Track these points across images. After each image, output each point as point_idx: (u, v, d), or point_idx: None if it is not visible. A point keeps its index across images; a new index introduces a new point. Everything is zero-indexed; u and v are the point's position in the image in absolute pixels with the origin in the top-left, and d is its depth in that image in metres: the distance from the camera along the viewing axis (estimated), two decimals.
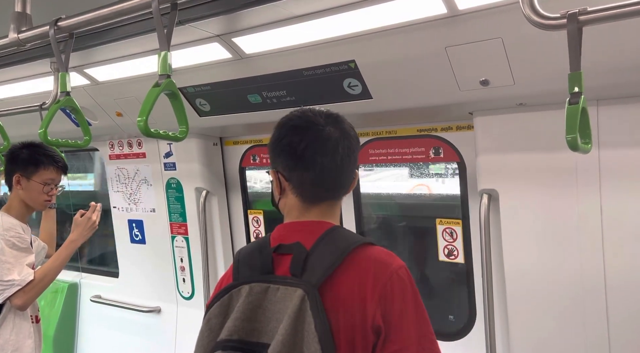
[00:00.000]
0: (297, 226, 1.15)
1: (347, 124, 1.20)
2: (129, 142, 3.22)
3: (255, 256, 1.11)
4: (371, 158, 2.54)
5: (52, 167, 2.18)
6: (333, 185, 1.15)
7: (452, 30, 1.62)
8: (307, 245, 1.07)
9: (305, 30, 1.86)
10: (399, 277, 1.04)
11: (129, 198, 3.30)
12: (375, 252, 1.09)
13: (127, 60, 2.35)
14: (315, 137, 1.11)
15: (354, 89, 2.02)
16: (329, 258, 1.03)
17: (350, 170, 1.17)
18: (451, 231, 2.33)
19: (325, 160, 1.10)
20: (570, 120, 0.97)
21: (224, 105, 2.47)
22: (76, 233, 2.20)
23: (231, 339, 1.00)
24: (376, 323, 1.01)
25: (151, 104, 1.11)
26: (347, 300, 1.02)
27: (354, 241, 1.08)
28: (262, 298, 1.02)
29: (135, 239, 3.35)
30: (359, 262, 1.05)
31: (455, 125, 2.24)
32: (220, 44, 2.04)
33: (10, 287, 1.92)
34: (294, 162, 1.13)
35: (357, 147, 1.20)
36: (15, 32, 1.43)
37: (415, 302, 1.05)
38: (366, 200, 2.68)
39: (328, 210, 1.16)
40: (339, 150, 1.11)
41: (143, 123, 1.09)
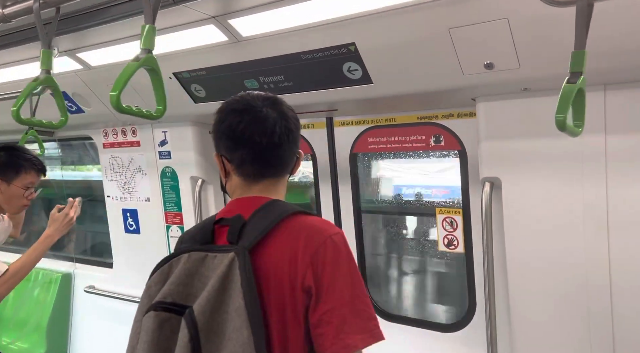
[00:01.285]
0: (240, 202, 1.21)
1: (286, 106, 1.25)
2: (123, 130, 3.15)
3: (199, 230, 1.18)
4: (370, 146, 2.48)
5: (32, 171, 2.17)
6: (273, 162, 1.21)
7: (456, 11, 1.56)
8: (247, 215, 1.14)
9: (304, 12, 1.80)
10: (333, 242, 1.08)
11: (123, 187, 3.25)
12: (309, 219, 1.14)
13: (121, 44, 2.28)
14: (253, 117, 1.17)
15: (353, 73, 1.96)
16: (262, 225, 1.10)
17: (289, 149, 1.22)
18: (451, 220, 2.29)
19: (263, 139, 1.17)
20: (563, 99, 0.92)
21: (220, 91, 2.41)
22: (52, 229, 2.18)
23: (165, 301, 1.06)
24: (306, 283, 1.04)
25: (126, 78, 1.05)
26: (279, 262, 1.07)
27: (288, 209, 1.14)
28: (199, 265, 1.07)
29: (129, 229, 3.30)
30: (292, 228, 1.10)
31: (456, 112, 2.19)
32: (216, 25, 1.98)
33: None
34: (234, 142, 1.19)
35: (296, 127, 1.24)
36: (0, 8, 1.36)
37: (349, 265, 1.07)
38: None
39: (270, 188, 1.23)
40: (276, 129, 1.17)
41: (115, 97, 1.03)
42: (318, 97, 2.20)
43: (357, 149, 2.53)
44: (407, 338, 2.44)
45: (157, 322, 1.05)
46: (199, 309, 1.01)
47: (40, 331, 3.56)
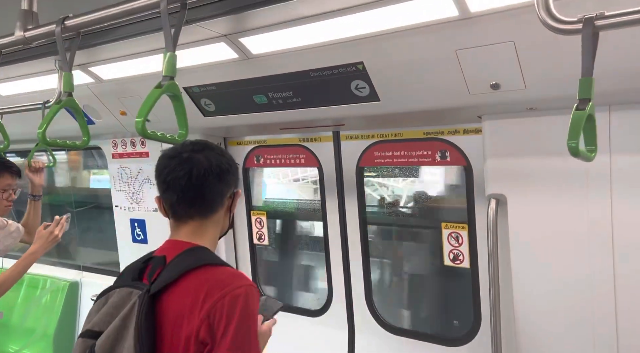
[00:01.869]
0: (170, 244, 1.32)
1: (217, 151, 1.33)
2: (132, 141, 3.20)
3: (136, 264, 1.30)
4: (376, 160, 2.51)
5: (6, 174, 2.29)
6: (195, 202, 1.29)
7: (463, 33, 1.60)
8: (169, 258, 1.25)
9: (314, 31, 1.83)
10: (233, 297, 1.14)
11: (131, 197, 3.28)
12: (218, 272, 1.21)
13: (132, 59, 2.33)
14: (178, 162, 1.27)
15: (361, 91, 1.99)
16: (174, 272, 1.20)
17: (214, 189, 1.30)
18: (457, 235, 2.31)
19: (182, 181, 1.26)
20: (574, 126, 0.95)
21: (229, 106, 2.45)
22: (37, 246, 2.25)
23: (92, 329, 1.19)
24: (201, 336, 1.12)
25: (151, 105, 1.09)
26: (180, 311, 1.16)
27: (202, 260, 1.22)
28: (126, 299, 1.19)
29: (137, 239, 3.33)
30: (198, 279, 1.18)
31: (462, 128, 2.22)
32: (227, 43, 2.02)
33: None
34: (163, 186, 1.31)
35: (225, 169, 1.31)
36: (21, 30, 1.41)
37: (243, 320, 1.13)
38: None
39: (197, 231, 1.31)
40: (194, 171, 1.25)
41: (141, 124, 1.07)
42: (326, 113, 2.23)
43: (364, 163, 2.56)
44: (413, 352, 2.45)
45: (82, 347, 1.19)
46: (99, 343, 1.14)
47: (48, 339, 3.59)
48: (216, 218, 1.35)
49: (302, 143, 2.78)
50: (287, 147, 2.85)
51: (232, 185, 1.36)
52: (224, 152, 1.36)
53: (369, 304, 2.65)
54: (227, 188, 1.34)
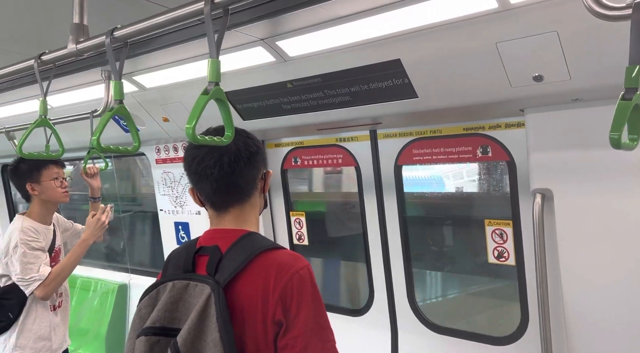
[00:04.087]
0: (217, 233, 1.32)
1: (242, 134, 1.33)
2: (175, 146, 3.30)
3: (182, 256, 1.29)
4: (415, 158, 2.49)
5: (51, 164, 2.45)
6: (231, 191, 1.30)
7: (503, 25, 1.57)
8: (224, 248, 1.25)
9: (349, 31, 1.84)
10: (299, 276, 1.19)
11: (175, 201, 3.39)
12: (279, 254, 1.24)
13: (173, 67, 2.41)
14: (205, 152, 1.27)
15: (398, 88, 1.98)
16: (236, 261, 1.21)
17: (246, 174, 1.30)
18: (501, 232, 2.26)
19: (215, 171, 1.26)
20: (618, 116, 0.90)
21: (267, 108, 2.49)
22: (87, 233, 2.42)
23: (154, 326, 1.19)
24: (277, 317, 1.17)
25: (199, 111, 1.12)
26: (252, 298, 1.18)
27: (261, 246, 1.24)
28: (183, 293, 1.20)
29: (181, 241, 3.43)
30: (263, 265, 1.21)
31: (504, 122, 2.17)
32: (264, 47, 2.05)
33: (33, 282, 2.19)
34: (194, 178, 1.31)
35: (254, 152, 1.32)
36: (73, 43, 1.48)
37: (313, 295, 1.19)
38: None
39: (240, 216, 1.32)
40: (224, 160, 1.25)
41: (191, 130, 1.10)
42: (363, 112, 2.23)
43: (402, 161, 2.55)
44: (458, 351, 2.42)
45: (147, 346, 1.19)
46: (181, 340, 1.14)
47: (100, 339, 3.75)
48: (253, 201, 1.35)
49: (339, 143, 2.79)
50: (324, 147, 2.87)
51: (261, 166, 1.36)
52: (248, 133, 1.36)
53: (412, 303, 2.63)
54: (258, 170, 1.34)
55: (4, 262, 2.19)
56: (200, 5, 1.16)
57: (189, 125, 1.10)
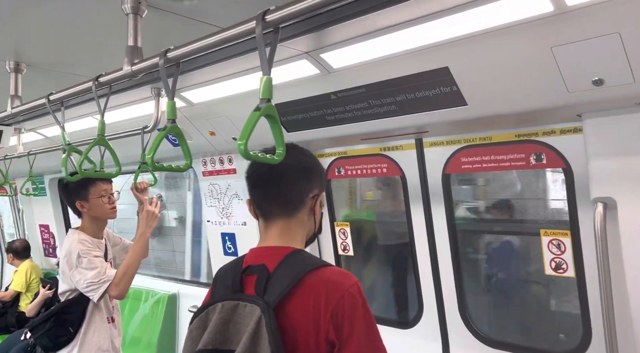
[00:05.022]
0: (263, 251, 1.33)
1: (300, 150, 1.37)
2: (220, 159, 3.36)
3: (229, 276, 1.30)
4: (464, 166, 2.43)
5: (98, 181, 2.50)
6: (279, 199, 1.32)
7: (559, 29, 1.50)
8: (271, 266, 1.25)
9: (395, 41, 1.82)
10: (350, 294, 1.18)
11: (221, 212, 3.45)
12: (328, 273, 1.23)
13: (219, 82, 2.46)
14: (262, 164, 1.27)
15: (446, 96, 1.94)
16: (285, 281, 1.20)
17: (297, 187, 1.33)
18: (558, 243, 2.16)
19: (265, 177, 1.32)
20: None
21: (310, 120, 2.49)
22: (142, 226, 2.45)
23: (206, 349, 1.20)
24: (330, 337, 1.16)
25: (251, 128, 1.13)
26: (303, 318, 1.17)
27: (308, 264, 1.23)
28: (232, 314, 1.21)
29: (228, 251, 3.48)
30: (313, 284, 1.19)
31: (558, 128, 2.08)
32: (309, 60, 2.06)
33: (103, 284, 2.24)
34: (249, 185, 1.36)
35: (307, 168, 1.35)
36: (129, 65, 1.54)
37: (365, 313, 1.18)
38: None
39: (286, 230, 1.33)
40: (280, 167, 1.25)
41: (243, 146, 1.11)
42: (408, 121, 2.20)
43: (450, 169, 2.48)
44: None
45: None
46: None
47: (152, 348, 3.85)
48: (300, 217, 1.34)
49: (384, 152, 2.76)
50: (368, 157, 2.84)
51: (314, 185, 1.36)
52: (308, 152, 1.39)
53: (463, 315, 2.55)
54: (309, 187, 1.35)
55: (69, 275, 2.26)
56: (252, 24, 1.17)
57: (241, 141, 1.11)
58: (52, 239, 5.45)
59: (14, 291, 4.80)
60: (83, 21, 1.77)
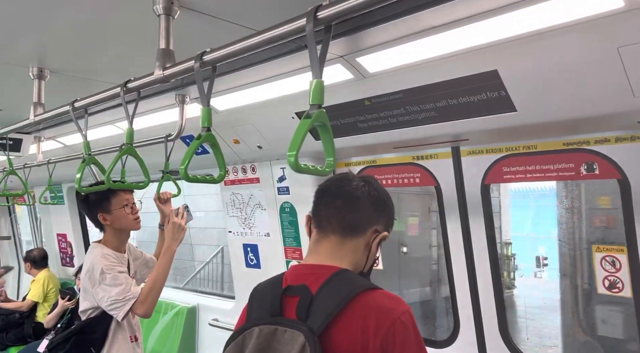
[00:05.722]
0: (305, 269, 1.23)
1: (376, 183, 1.31)
2: (243, 168, 3.26)
3: (267, 296, 1.20)
4: (506, 176, 2.28)
5: (119, 192, 2.36)
6: (341, 213, 1.24)
7: (629, 27, 1.37)
8: (314, 287, 1.15)
9: (438, 43, 1.70)
10: (402, 323, 1.10)
11: (243, 222, 3.34)
12: (378, 297, 1.14)
13: (246, 88, 2.36)
14: (342, 182, 1.28)
15: (495, 102, 1.81)
16: (331, 304, 1.11)
17: (365, 215, 1.25)
18: (612, 260, 2.00)
19: (337, 191, 1.26)
20: None
21: (341, 127, 2.37)
22: (169, 239, 2.30)
23: None
24: None
25: (302, 137, 1.02)
26: (350, 345, 1.08)
27: (356, 286, 1.14)
28: (271, 340, 1.11)
29: (250, 263, 3.37)
30: (361, 309, 1.11)
31: (613, 136, 1.93)
32: (343, 64, 1.95)
33: (128, 301, 2.11)
34: (319, 199, 1.29)
35: (382, 201, 1.28)
36: (160, 69, 1.44)
37: (417, 344, 1.11)
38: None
39: (337, 249, 1.23)
40: (356, 193, 1.24)
41: (293, 158, 1.00)
42: (447, 128, 2.07)
43: (490, 180, 2.34)
44: None
45: None
46: None
47: None
48: (355, 243, 1.25)
49: (416, 161, 2.63)
50: (399, 166, 2.71)
51: (381, 219, 1.28)
52: (385, 189, 1.33)
53: (504, 335, 2.39)
54: (376, 219, 1.26)
55: (92, 292, 2.16)
56: (301, 22, 1.06)
57: (291, 153, 1.00)
58: (70, 248, 5.39)
59: (31, 301, 4.73)
60: (110, 24, 1.68)
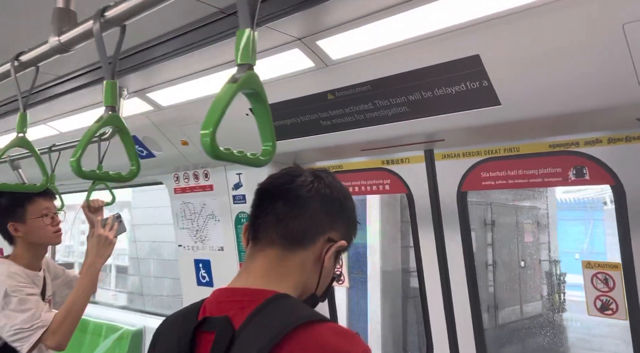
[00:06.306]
0: (232, 294, 0.95)
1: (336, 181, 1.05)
2: (195, 174, 2.92)
3: (176, 333, 0.94)
4: (484, 183, 2.04)
5: (38, 198, 1.99)
6: (284, 219, 0.97)
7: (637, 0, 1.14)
8: (238, 319, 0.88)
9: (412, 21, 1.44)
10: None
11: (195, 235, 2.99)
12: (324, 333, 0.86)
13: (193, 80, 2.05)
14: (287, 178, 1.01)
15: (475, 94, 1.56)
16: (257, 344, 0.83)
17: (311, 213, 0.98)
18: (605, 277, 1.76)
19: (280, 188, 1.00)
20: None
21: (301, 126, 2.09)
22: (92, 255, 1.91)
23: None
24: None
25: (222, 109, 0.73)
26: None
27: (295, 318, 0.85)
28: None
29: (202, 281, 3.01)
30: (299, 349, 0.83)
31: (605, 137, 1.71)
32: (302, 49, 1.67)
33: (36, 331, 1.75)
34: (258, 200, 1.02)
35: (337, 204, 1.02)
36: (56, 34, 1.11)
37: None
38: None
39: (276, 266, 0.96)
40: (297, 180, 0.99)
41: (209, 139, 0.71)
42: (421, 126, 1.81)
43: (467, 186, 2.09)
44: None
45: None
46: None
47: None
48: (303, 258, 0.97)
49: (386, 166, 2.36)
50: (367, 171, 2.45)
51: (337, 225, 1.00)
52: (345, 188, 1.07)
53: None
54: (329, 225, 0.99)
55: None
56: None
57: (206, 130, 0.71)
58: None
59: None
60: None
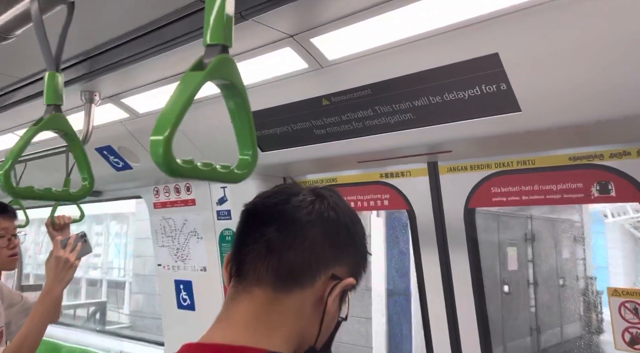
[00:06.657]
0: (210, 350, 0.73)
1: (343, 202, 0.85)
2: (176, 188, 2.70)
3: None
4: (495, 199, 1.85)
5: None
6: (280, 258, 0.76)
7: None
8: None
9: (421, 16, 1.26)
10: None
11: (175, 254, 2.76)
12: None
13: (173, 82, 1.84)
14: (283, 197, 0.82)
15: (493, 98, 1.37)
16: None
17: (314, 252, 0.77)
18: (635, 307, 1.57)
19: (272, 212, 0.81)
20: None
21: (293, 135, 1.89)
22: (49, 280, 1.68)
23: None
24: None
25: (181, 108, 0.54)
26: None
27: None
28: None
29: (183, 304, 2.77)
30: None
31: (635, 149, 1.53)
32: (294, 48, 1.48)
33: None
34: (242, 228, 0.82)
35: (344, 231, 0.81)
36: None
37: None
38: None
39: (264, 313, 0.75)
40: (294, 202, 0.80)
41: (162, 148, 0.52)
42: (426, 135, 1.62)
43: (476, 203, 1.90)
44: None
45: None
46: None
47: None
48: (300, 300, 0.76)
49: (385, 179, 2.16)
50: (364, 185, 2.24)
51: (343, 259, 0.80)
52: (353, 211, 0.87)
53: None
54: (334, 258, 0.79)
55: None
56: None
57: (157, 137, 0.51)
58: None
59: None
60: None
